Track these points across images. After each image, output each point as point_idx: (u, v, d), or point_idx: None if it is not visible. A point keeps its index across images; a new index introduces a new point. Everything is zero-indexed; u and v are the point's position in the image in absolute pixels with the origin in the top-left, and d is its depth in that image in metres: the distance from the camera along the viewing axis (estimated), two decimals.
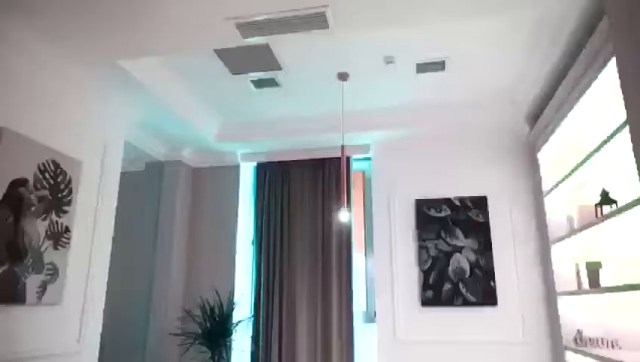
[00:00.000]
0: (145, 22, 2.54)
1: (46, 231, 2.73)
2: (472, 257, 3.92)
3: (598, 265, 2.96)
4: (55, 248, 2.79)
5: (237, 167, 4.64)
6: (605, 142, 2.52)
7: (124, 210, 3.90)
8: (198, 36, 2.69)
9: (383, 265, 4.10)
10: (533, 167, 3.92)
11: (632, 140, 1.85)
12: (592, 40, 2.48)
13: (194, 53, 3.13)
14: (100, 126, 3.29)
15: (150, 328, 4.09)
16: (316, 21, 2.55)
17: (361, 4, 2.41)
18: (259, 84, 3.54)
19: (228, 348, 3.84)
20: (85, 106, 3.16)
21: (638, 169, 1.83)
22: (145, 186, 4.51)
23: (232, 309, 4.00)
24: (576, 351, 3.14)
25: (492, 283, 3.83)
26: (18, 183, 2.57)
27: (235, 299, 4.21)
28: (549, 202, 3.61)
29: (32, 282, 2.61)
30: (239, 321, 4.06)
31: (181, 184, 4.52)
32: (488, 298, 3.82)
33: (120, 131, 3.54)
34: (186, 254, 4.48)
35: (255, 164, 4.67)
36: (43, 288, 2.69)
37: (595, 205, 2.77)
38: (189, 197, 4.62)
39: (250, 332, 4.22)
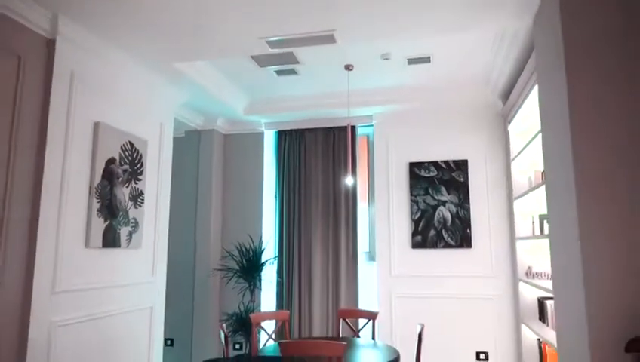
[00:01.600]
0: (198, 37, 3.38)
1: (129, 195, 3.72)
2: (453, 209, 4.86)
3: (546, 216, 3.88)
4: (135, 207, 3.79)
5: (261, 134, 5.55)
6: None
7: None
8: (237, 48, 3.53)
9: (382, 215, 5.07)
10: (505, 136, 4.77)
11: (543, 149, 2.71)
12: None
13: None
14: (157, 110, 4.19)
15: (197, 265, 5.18)
16: (326, 39, 3.37)
17: (360, 29, 3.22)
18: (280, 73, 4.38)
19: (259, 280, 4.93)
20: (148, 97, 4.05)
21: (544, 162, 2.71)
22: (185, 150, 5.45)
23: (262, 250, 5.05)
24: (526, 282, 4.13)
25: (468, 230, 4.80)
26: (110, 161, 3.52)
27: (263, 243, 5.26)
28: (515, 166, 4.49)
29: (123, 232, 3.63)
30: (267, 260, 5.12)
31: (215, 148, 5.45)
32: (465, 242, 4.80)
33: (171, 112, 4.43)
34: (221, 206, 5.49)
35: (276, 131, 5.58)
36: (130, 236, 3.71)
37: (542, 172, 3.65)
38: (221, 159, 5.57)
39: (275, 267, 5.29)
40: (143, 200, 3.89)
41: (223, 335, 3.19)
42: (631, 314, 2.05)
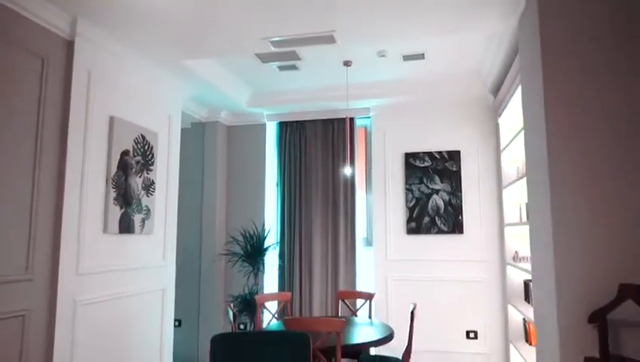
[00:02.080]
0: (206, 37, 3.62)
1: (142, 184, 3.98)
2: (446, 197, 5.14)
3: None
4: (147, 196, 4.05)
5: (263, 125, 5.79)
6: None
7: None
8: (242, 47, 3.76)
9: (378, 203, 5.34)
10: (496, 128, 5.03)
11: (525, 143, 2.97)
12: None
13: None
14: (166, 104, 4.43)
15: (203, 250, 5.46)
16: (326, 39, 3.61)
17: (358, 30, 3.46)
18: (282, 68, 4.61)
19: (262, 264, 5.22)
20: (158, 92, 4.28)
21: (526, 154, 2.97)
22: (191, 141, 5.70)
23: (265, 236, 5.33)
24: (513, 266, 4.42)
25: (460, 217, 5.08)
26: (124, 153, 3.78)
27: (266, 229, 5.53)
28: (504, 156, 4.75)
29: (137, 219, 3.90)
30: (270, 245, 5.40)
31: (219, 139, 5.70)
32: (457, 228, 5.08)
33: (178, 105, 4.67)
34: (225, 194, 5.75)
35: (278, 122, 5.82)
36: (142, 223, 3.98)
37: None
38: (225, 149, 5.82)
39: (277, 252, 5.58)
40: (154, 189, 4.15)
41: (231, 313, 3.48)
42: (592, 292, 2.32)
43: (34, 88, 3.02)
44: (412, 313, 3.65)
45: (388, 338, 3.54)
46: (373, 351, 4.34)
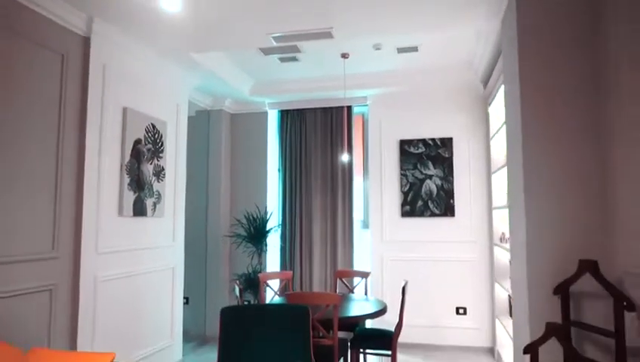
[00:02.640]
0: (213, 33, 3.87)
1: (152, 171, 4.27)
2: (439, 182, 5.43)
3: None
4: (158, 181, 4.35)
5: (265, 113, 6.06)
6: None
7: None
8: (247, 42, 4.02)
9: (375, 187, 5.64)
10: (486, 116, 5.29)
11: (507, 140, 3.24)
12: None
13: None
14: (174, 94, 4.69)
15: (209, 232, 5.78)
16: (325, 35, 3.86)
17: (354, 26, 3.71)
18: (283, 60, 4.86)
19: (265, 245, 5.53)
20: (166, 83, 4.54)
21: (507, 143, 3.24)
22: (196, 128, 5.96)
23: (267, 219, 5.64)
24: (500, 246, 4.72)
25: (451, 201, 5.37)
26: (137, 142, 4.06)
27: (268, 212, 5.84)
28: (493, 143, 5.02)
29: (149, 203, 4.20)
30: (272, 227, 5.71)
31: (223, 126, 5.97)
32: (449, 211, 5.38)
33: (185, 95, 4.93)
34: (230, 179, 6.05)
35: (279, 110, 6.08)
36: (154, 207, 4.28)
37: None
38: (229, 136, 6.10)
39: (279, 234, 5.90)
40: (164, 175, 4.44)
41: (237, 289, 3.80)
42: (558, 267, 2.62)
43: (55, 82, 3.29)
44: (403, 289, 3.96)
45: (381, 311, 3.86)
46: (368, 324, 4.67)
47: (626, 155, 2.42)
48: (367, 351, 4.50)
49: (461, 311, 5.26)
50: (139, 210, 4.05)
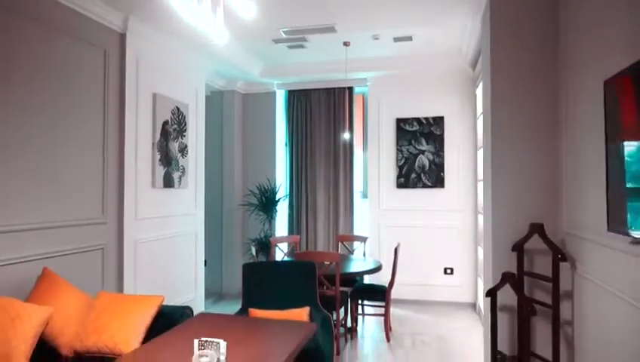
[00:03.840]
0: (232, 28, 4.42)
1: (178, 148, 4.88)
2: (431, 157, 6.03)
3: None
4: (182, 157, 4.96)
5: (274, 93, 6.62)
6: None
7: None
8: (261, 35, 4.58)
9: (373, 161, 6.25)
10: (474, 97, 5.86)
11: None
12: None
13: None
14: (194, 79, 5.26)
15: (224, 202, 6.43)
16: (329, 30, 4.41)
17: (354, 22, 4.26)
18: (291, 47, 5.40)
19: (275, 212, 6.20)
20: (187, 69, 5.11)
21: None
22: (211, 107, 6.54)
23: (276, 190, 6.28)
24: (483, 215, 5.35)
25: (442, 174, 5.99)
26: (165, 123, 4.66)
27: (277, 183, 6.48)
28: (479, 123, 5.58)
29: (176, 176, 4.83)
30: (281, 197, 6.36)
31: (235, 105, 6.54)
32: (439, 183, 6.00)
33: (203, 79, 5.50)
34: (242, 153, 6.66)
35: (286, 90, 6.65)
36: (180, 179, 4.91)
37: None
38: (241, 114, 6.68)
39: (287, 203, 6.55)
40: (187, 152, 5.06)
41: (254, 249, 4.47)
42: (516, 229, 3.25)
43: (100, 73, 3.88)
44: (395, 250, 4.63)
45: (377, 269, 4.55)
46: (366, 281, 5.35)
47: (570, 145, 3.02)
48: (365, 302, 5.21)
49: (448, 271, 5.95)
50: (167, 183, 4.68)
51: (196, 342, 2.33)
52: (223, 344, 2.31)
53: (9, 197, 3.05)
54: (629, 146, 2.11)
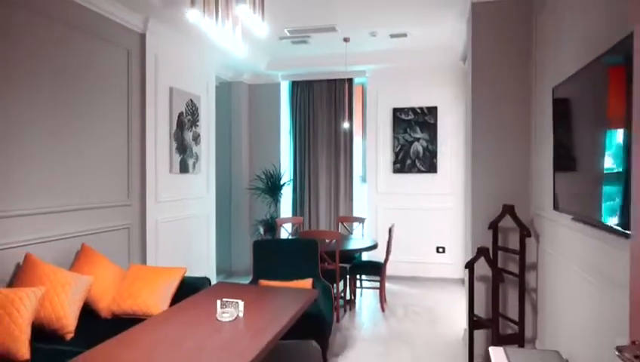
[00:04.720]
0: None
1: (191, 137, 5.34)
2: (425, 144, 6.48)
3: None
4: (195, 145, 5.43)
5: (278, 84, 7.05)
6: None
7: None
8: (267, 34, 4.99)
9: (371, 148, 6.71)
10: (465, 89, 6.27)
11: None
12: None
13: None
14: (204, 73, 5.70)
15: (232, 186, 6.92)
16: (330, 29, 4.84)
17: (353, 23, 4.68)
18: (294, 42, 5.82)
19: (280, 196, 6.68)
20: (200, 64, 5.54)
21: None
22: (219, 97, 6.97)
23: (281, 175, 6.76)
24: None
25: (435, 160, 6.45)
26: (180, 114, 5.12)
27: (282, 169, 6.95)
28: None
29: (190, 162, 5.30)
30: (285, 182, 6.84)
31: (242, 96, 6.98)
32: (432, 168, 6.46)
33: (213, 72, 5.94)
34: (248, 141, 7.12)
35: (290, 82, 7.08)
36: (194, 166, 5.38)
37: None
38: (247, 104, 7.12)
39: (291, 187, 7.03)
40: (200, 140, 5.53)
41: (262, 229, 4.96)
42: (493, 210, 3.72)
43: (124, 71, 4.33)
44: (390, 230, 5.12)
45: (373, 246, 5.04)
46: (364, 258, 5.86)
47: (538, 137, 3.47)
48: (363, 277, 5.72)
49: (440, 249, 6.44)
50: (183, 168, 5.16)
51: (219, 302, 2.83)
52: (241, 303, 2.81)
53: (52, 182, 3.53)
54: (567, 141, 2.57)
